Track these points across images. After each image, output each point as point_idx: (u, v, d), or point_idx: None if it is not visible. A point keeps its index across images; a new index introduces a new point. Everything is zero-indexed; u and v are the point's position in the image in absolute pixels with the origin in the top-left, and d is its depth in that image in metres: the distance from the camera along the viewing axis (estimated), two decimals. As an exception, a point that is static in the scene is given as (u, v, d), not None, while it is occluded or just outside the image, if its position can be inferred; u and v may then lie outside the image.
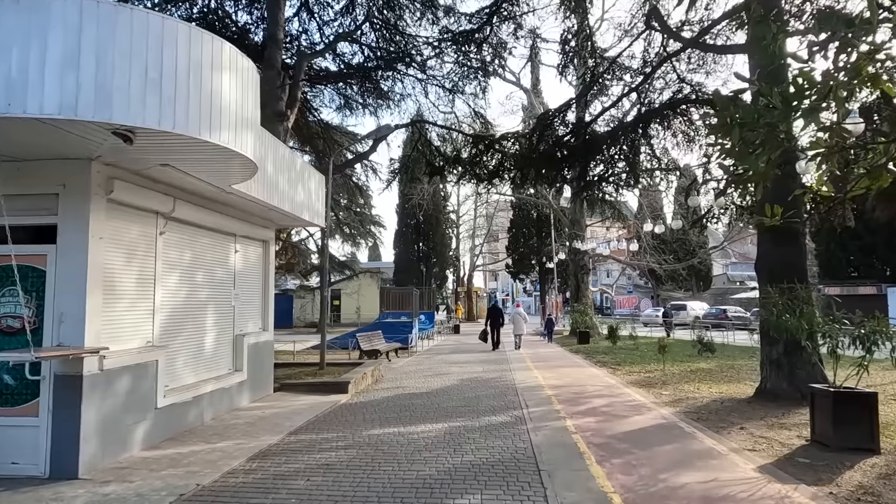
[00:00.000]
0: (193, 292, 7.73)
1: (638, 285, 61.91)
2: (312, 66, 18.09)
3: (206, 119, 4.92)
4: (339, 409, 9.22)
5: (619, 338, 21.77)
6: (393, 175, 17.91)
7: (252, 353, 9.22)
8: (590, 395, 10.76)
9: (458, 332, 33.77)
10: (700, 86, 16.28)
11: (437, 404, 9.70)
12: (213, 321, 8.20)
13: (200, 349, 7.87)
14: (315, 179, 10.47)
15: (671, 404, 9.59)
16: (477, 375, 13.73)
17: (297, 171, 9.39)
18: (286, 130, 12.33)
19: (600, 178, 17.63)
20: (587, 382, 12.41)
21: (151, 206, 6.55)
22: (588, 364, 16.39)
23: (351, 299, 44.55)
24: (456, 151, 17.72)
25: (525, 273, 49.09)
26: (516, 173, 17.46)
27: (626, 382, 12.41)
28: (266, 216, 9.49)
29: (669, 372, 14.29)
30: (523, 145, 16.77)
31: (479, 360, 17.40)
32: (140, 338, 6.47)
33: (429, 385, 12.11)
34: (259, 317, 9.91)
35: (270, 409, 8.84)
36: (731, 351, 20.09)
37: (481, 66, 17.28)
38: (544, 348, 22.52)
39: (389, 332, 20.58)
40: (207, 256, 8.13)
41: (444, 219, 46.27)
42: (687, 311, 39.46)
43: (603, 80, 16.53)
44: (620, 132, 15.97)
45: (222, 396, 8.22)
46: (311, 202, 10.19)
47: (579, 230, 29.26)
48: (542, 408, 9.33)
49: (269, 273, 10.15)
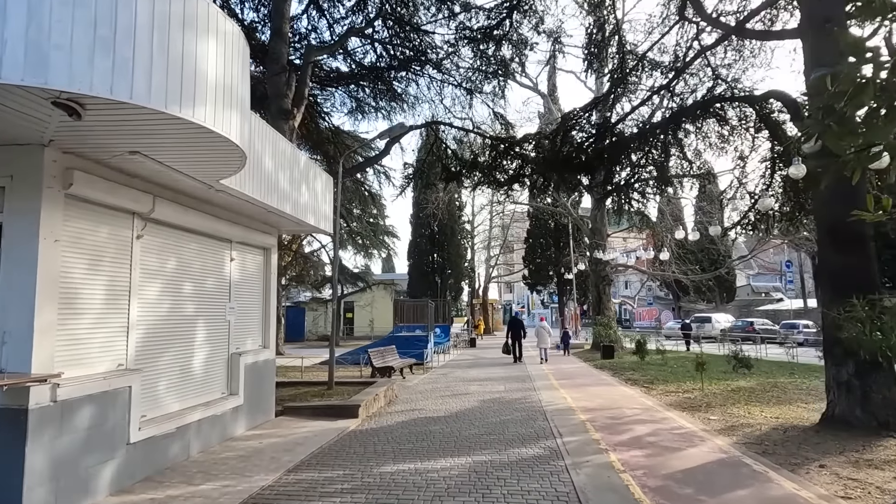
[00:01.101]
0: (179, 305, 6.73)
1: (658, 297, 60.22)
2: (322, 67, 17.26)
3: (176, 89, 3.93)
4: (348, 437, 8.14)
5: (647, 352, 20.47)
6: (407, 181, 16.93)
7: (250, 373, 8.19)
8: (628, 420, 9.57)
9: (475, 346, 32.59)
10: (736, 82, 15.15)
11: (457, 432, 8.59)
12: (203, 338, 7.19)
13: (187, 371, 6.86)
14: (322, 181, 9.49)
15: (725, 433, 8.39)
16: (499, 395, 12.59)
17: (300, 169, 8.41)
18: (292, 130, 11.41)
19: (626, 184, 16.55)
20: (622, 404, 11.21)
21: (125, 204, 5.57)
22: (617, 382, 15.16)
23: (364, 312, 43.58)
24: (473, 155, 16.71)
25: (542, 284, 47.75)
26: (537, 178, 16.43)
27: (666, 404, 11.20)
28: (266, 220, 8.50)
29: (709, 391, 13.05)
30: (545, 148, 15.73)
31: (499, 378, 16.25)
32: (110, 360, 5.47)
33: (447, 407, 11.00)
34: (259, 333, 8.89)
35: (269, 439, 7.78)
36: (767, 367, 18.74)
37: (500, 65, 16.30)
38: (566, 363, 21.28)
39: (403, 346, 19.52)
40: (197, 265, 7.14)
41: (458, 229, 45.16)
42: (712, 323, 37.98)
43: (631, 77, 15.46)
44: (649, 134, 14.88)
45: (213, 425, 7.19)
46: (318, 205, 9.19)
47: (600, 239, 28.04)
48: (577, 437, 8.18)
49: (271, 284, 9.15)
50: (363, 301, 43.22)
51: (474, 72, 16.36)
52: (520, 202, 41.55)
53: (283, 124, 11.07)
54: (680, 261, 27.64)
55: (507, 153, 15.88)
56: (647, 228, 26.17)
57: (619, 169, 16.11)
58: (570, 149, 15.64)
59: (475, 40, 15.61)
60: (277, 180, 7.47)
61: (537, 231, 45.83)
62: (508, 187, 17.19)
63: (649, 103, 15.70)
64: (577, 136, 15.88)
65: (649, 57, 15.12)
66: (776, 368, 18.59)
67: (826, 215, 9.50)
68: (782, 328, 34.41)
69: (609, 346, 23.02)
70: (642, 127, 15.48)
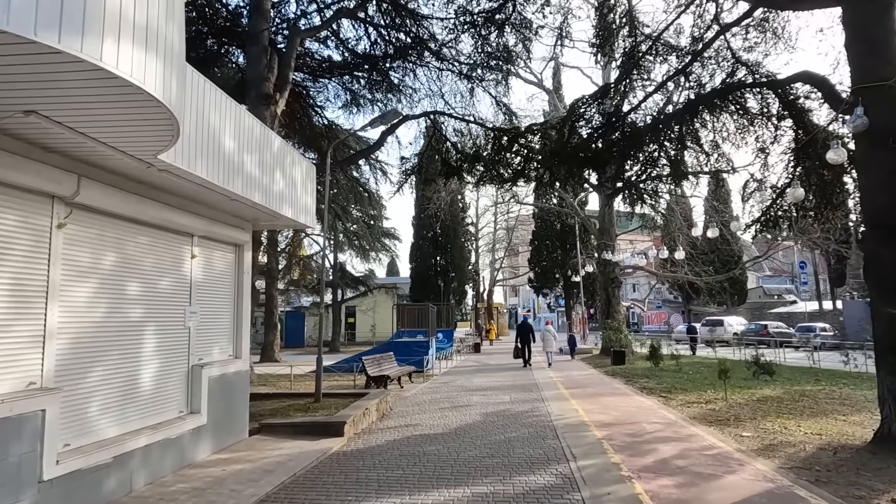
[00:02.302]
0: (121, 310, 5.66)
1: (667, 300, 58.87)
2: (314, 56, 16.26)
3: (53, 10, 2.85)
4: (329, 462, 7.04)
5: (662, 358, 19.27)
6: (405, 176, 15.87)
7: (216, 388, 7.11)
8: (650, 437, 8.43)
9: (479, 352, 31.43)
10: (758, 66, 14.00)
11: (456, 454, 7.47)
12: (153, 348, 6.12)
13: (131, 388, 5.77)
14: (302, 169, 8.42)
15: (764, 453, 7.25)
16: (504, 408, 11.47)
17: (273, 153, 7.34)
18: (274, 116, 10.36)
19: (639, 179, 15.43)
20: (640, 418, 10.06)
21: (38, 185, 4.51)
22: (632, 391, 14.01)
23: (366, 317, 42.56)
24: (475, 149, 15.62)
25: (548, 287, 46.47)
26: (543, 173, 15.34)
27: (689, 417, 10.05)
28: (236, 211, 7.44)
29: (733, 402, 11.90)
30: (552, 139, 14.64)
31: (505, 386, 15.12)
32: (16, 378, 4.39)
33: (446, 422, 9.88)
34: (229, 341, 7.81)
35: (235, 465, 6.68)
36: (788, 373, 17.56)
37: (503, 52, 15.22)
38: (576, 370, 20.12)
39: (403, 353, 18.41)
40: (147, 262, 6.08)
41: (462, 231, 43.99)
42: (724, 326, 36.68)
43: (644, 63, 14.34)
44: (663, 124, 13.78)
45: (166, 450, 6.10)
46: (297, 196, 8.12)
47: (609, 240, 26.89)
48: (594, 460, 7.05)
49: (244, 285, 8.07)
50: (365, 305, 42.21)
51: (476, 60, 15.29)
52: (525, 202, 40.45)
53: (263, 110, 10.04)
54: (692, 262, 26.41)
55: (511, 145, 14.80)
56: (660, 228, 24.97)
57: (630, 163, 15.02)
58: (579, 140, 14.57)
59: (476, 25, 14.55)
60: (242, 163, 6.40)
61: (543, 233, 44.62)
62: (513, 182, 16.12)
63: (663, 90, 14.58)
64: (586, 127, 14.80)
65: (664, 39, 14.00)
66: (799, 375, 17.42)
67: (874, 208, 8.38)
68: (798, 331, 33.10)
69: (620, 352, 21.86)
70: (656, 117, 14.40)
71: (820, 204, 13.62)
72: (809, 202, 14.07)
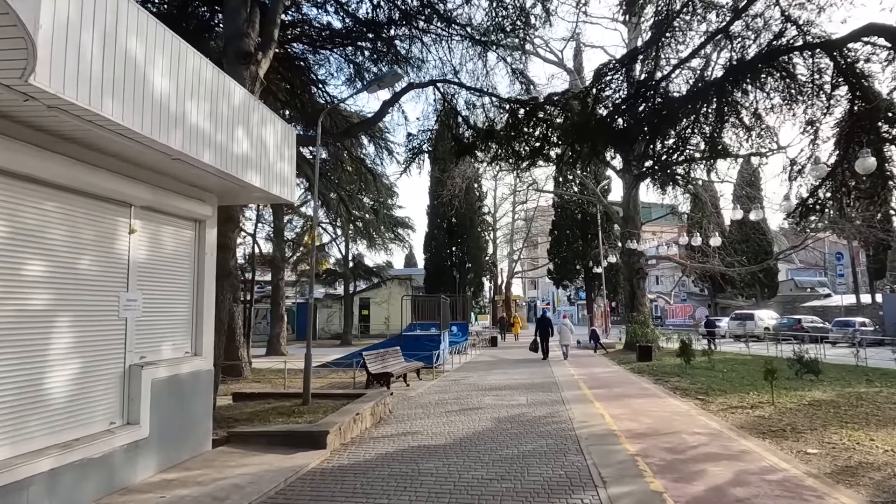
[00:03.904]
0: (15, 295, 4.37)
1: (692, 293, 56.76)
2: (313, 24, 14.91)
3: None
4: (299, 485, 5.71)
5: (694, 355, 17.63)
6: (412, 154, 14.50)
7: (164, 392, 5.82)
8: (695, 454, 6.96)
9: (496, 346, 30.02)
10: (810, 25, 12.28)
11: (457, 474, 6.10)
12: (69, 344, 4.83)
13: (34, 396, 4.49)
14: (276, 131, 7.07)
15: (843, 479, 5.76)
16: (520, 411, 10.07)
17: (234, 107, 6.00)
18: (255, 78, 9.03)
19: (668, 158, 13.86)
20: (678, 426, 8.59)
21: None
22: (663, 392, 12.51)
23: (381, 309, 41.43)
24: (489, 123, 14.15)
25: (569, 279, 44.78)
26: (565, 150, 13.84)
27: (736, 427, 8.56)
28: (194, 179, 6.12)
29: (782, 406, 10.39)
30: (574, 111, 13.12)
31: (521, 385, 13.71)
32: None
33: (452, 429, 8.51)
34: (186, 335, 6.51)
35: (181, 490, 5.38)
36: (834, 371, 15.93)
37: (520, 14, 13.69)
38: (598, 367, 18.63)
39: (413, 347, 17.10)
40: (55, 235, 4.77)
41: (478, 220, 42.40)
42: (755, 321, 34.78)
43: (679, 22, 12.70)
44: (699, 96, 12.23)
45: (87, 473, 4.82)
46: (269, 162, 6.78)
47: (634, 228, 25.21)
48: (629, 486, 5.62)
49: (207, 268, 6.76)
50: (379, 297, 41.05)
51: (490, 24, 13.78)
52: (544, 190, 38.83)
53: (240, 69, 8.71)
54: (724, 251, 24.61)
55: (529, 119, 13.32)
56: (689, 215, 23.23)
57: (661, 141, 13.49)
58: (606, 111, 13.07)
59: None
60: (185, 112, 5.06)
61: (563, 223, 42.92)
62: (531, 162, 14.62)
63: (701, 54, 12.95)
64: (612, 98, 13.26)
65: (702, -6, 12.36)
66: (845, 374, 15.81)
67: None
68: (835, 326, 31.16)
69: (646, 347, 20.28)
70: (692, 87, 12.82)
71: (877, 184, 12.02)
72: (863, 182, 12.45)
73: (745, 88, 12.67)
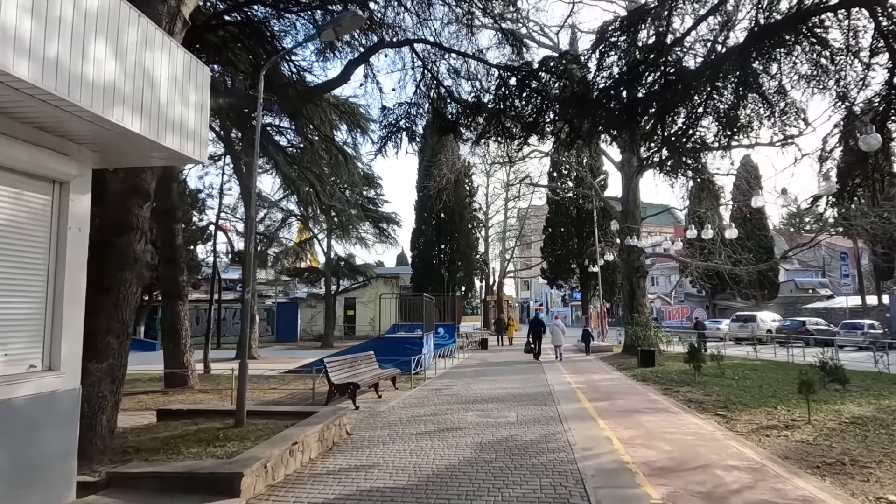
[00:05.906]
0: None
1: (690, 294, 55.13)
2: (274, -18, 12.99)
3: None
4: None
5: (705, 360, 15.84)
6: (388, 132, 12.62)
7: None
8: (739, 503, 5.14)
9: (486, 348, 28.17)
10: (847, -23, 10.51)
11: (413, 544, 4.26)
12: None
13: None
14: (175, 63, 5.17)
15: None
16: (508, 433, 8.20)
17: (88, 12, 4.11)
18: (174, 14, 7.14)
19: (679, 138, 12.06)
20: (707, 456, 6.75)
21: None
22: (676, 406, 10.71)
23: (367, 309, 39.48)
24: (476, 94, 12.30)
25: (563, 279, 43.00)
26: (562, 126, 12.05)
27: (779, 457, 6.76)
28: (48, 124, 4.24)
29: (820, 425, 8.65)
30: (573, 78, 11.31)
31: (512, 396, 11.88)
32: None
33: (420, 460, 6.64)
34: (31, 342, 4.60)
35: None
36: (858, 378, 14.22)
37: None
38: (597, 374, 16.84)
39: (393, 351, 15.28)
40: None
41: (469, 216, 40.52)
42: (757, 322, 33.19)
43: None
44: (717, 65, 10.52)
45: None
46: (159, 105, 4.88)
47: (633, 223, 23.45)
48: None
49: (71, 248, 4.85)
50: (366, 297, 39.13)
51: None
52: (539, 184, 37.04)
53: (157, 3, 6.82)
54: (734, 246, 22.90)
55: (522, 89, 11.52)
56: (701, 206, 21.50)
57: (672, 117, 11.71)
58: (610, 81, 11.31)
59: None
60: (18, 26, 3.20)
61: (558, 219, 41.14)
62: (523, 139, 12.78)
63: (720, 12, 11.15)
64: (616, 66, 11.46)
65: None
66: (871, 382, 14.17)
67: None
68: (843, 329, 29.59)
69: (649, 352, 18.47)
70: (708, 53, 11.08)
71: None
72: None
73: (773, 55, 10.90)
